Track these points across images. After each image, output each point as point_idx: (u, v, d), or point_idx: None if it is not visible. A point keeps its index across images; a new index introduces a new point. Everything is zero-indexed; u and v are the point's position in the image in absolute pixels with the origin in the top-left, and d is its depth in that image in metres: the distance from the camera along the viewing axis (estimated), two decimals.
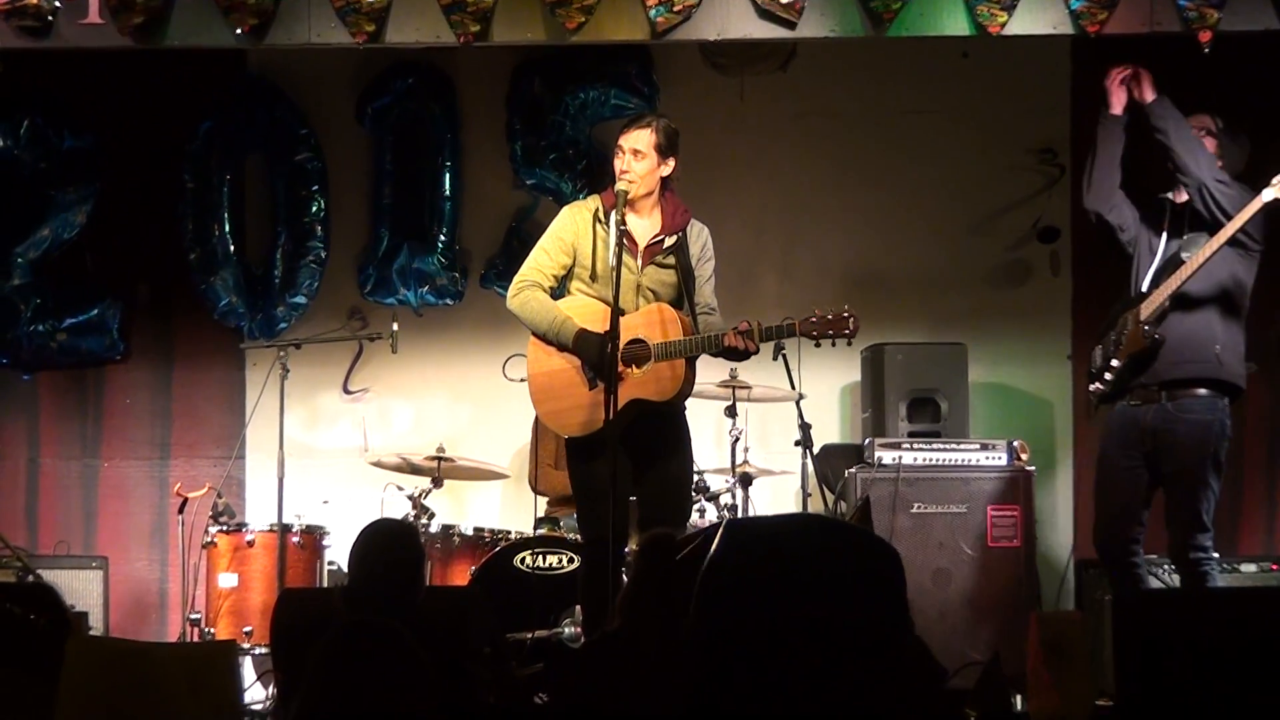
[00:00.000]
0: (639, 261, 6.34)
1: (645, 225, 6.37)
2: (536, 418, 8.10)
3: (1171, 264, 6.69)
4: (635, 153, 6.33)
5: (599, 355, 6.14)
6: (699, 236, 6.51)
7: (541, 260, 6.44)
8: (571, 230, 6.44)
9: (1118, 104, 6.84)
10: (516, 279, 6.47)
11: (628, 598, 4.67)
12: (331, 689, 3.35)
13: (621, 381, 6.12)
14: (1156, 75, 6.81)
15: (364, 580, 5.27)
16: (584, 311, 6.33)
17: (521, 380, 6.80)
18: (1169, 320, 6.66)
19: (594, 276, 6.39)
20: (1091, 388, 6.94)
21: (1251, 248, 6.69)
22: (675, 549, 4.65)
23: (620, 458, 6.02)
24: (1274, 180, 6.49)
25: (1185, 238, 6.73)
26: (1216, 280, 6.66)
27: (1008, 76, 9.06)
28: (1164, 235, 6.79)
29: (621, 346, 6.13)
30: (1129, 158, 6.96)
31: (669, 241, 6.39)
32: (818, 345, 6.44)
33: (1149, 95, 6.75)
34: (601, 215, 6.39)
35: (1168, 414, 6.66)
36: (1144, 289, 6.76)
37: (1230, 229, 6.50)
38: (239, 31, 7.05)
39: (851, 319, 6.34)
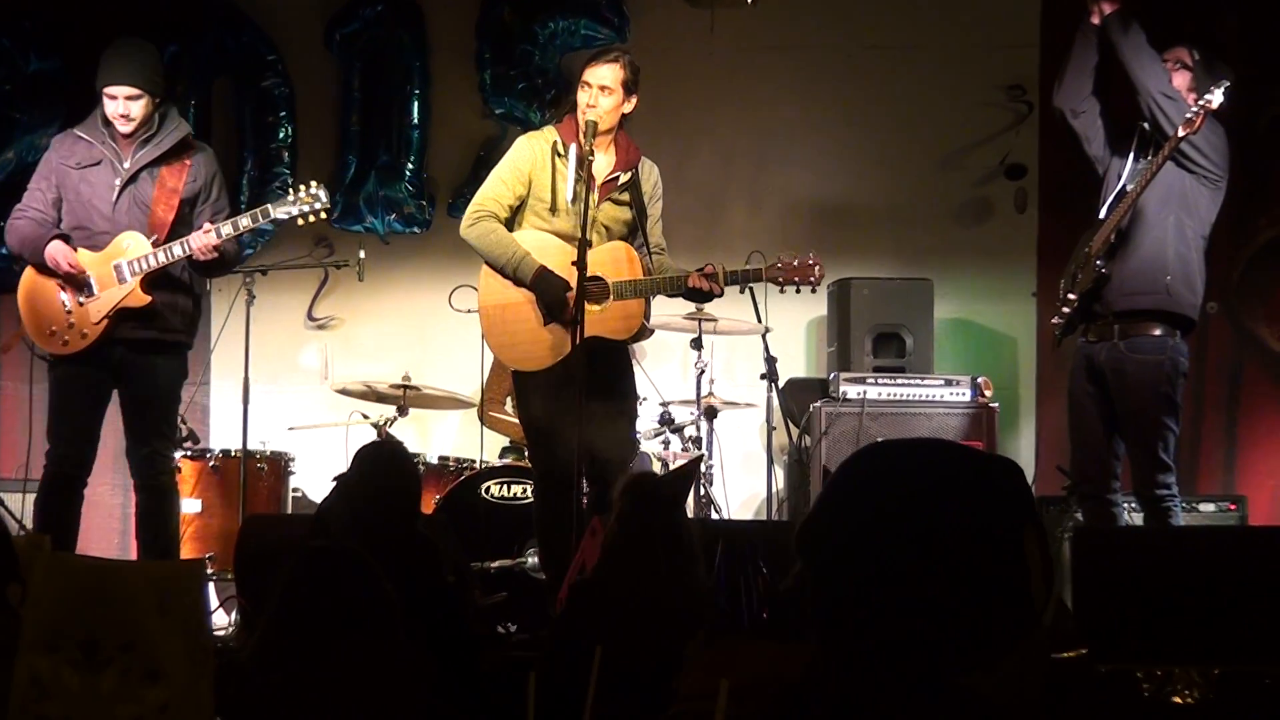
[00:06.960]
0: (596, 197, 6.28)
1: (601, 162, 6.28)
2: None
3: (1124, 192, 6.68)
4: (604, 89, 6.22)
5: (558, 296, 6.09)
6: (650, 174, 6.45)
7: (498, 190, 6.31)
8: (529, 160, 6.31)
9: (1097, 15, 6.81)
10: (472, 207, 6.33)
11: (614, 542, 4.47)
12: (295, 616, 3.36)
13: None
14: (1135, 8, 6.77)
15: (366, 504, 5.03)
16: (541, 247, 6.26)
17: (470, 311, 6.74)
18: (1120, 250, 6.66)
19: (554, 210, 6.28)
20: (1054, 320, 6.93)
21: (1211, 175, 6.62)
22: (658, 488, 4.57)
23: (566, 396, 5.99)
24: (1188, 113, 6.44)
25: (1142, 163, 6.67)
26: (1170, 209, 6.60)
27: (978, 12, 9.07)
28: (1129, 159, 6.77)
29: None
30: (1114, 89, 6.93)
31: (624, 178, 6.32)
32: (782, 291, 6.44)
33: (1107, 7, 6.73)
34: (560, 148, 6.29)
35: (1119, 353, 6.65)
36: (1101, 215, 6.75)
37: (1164, 152, 6.48)
38: None
39: (816, 266, 6.35)
